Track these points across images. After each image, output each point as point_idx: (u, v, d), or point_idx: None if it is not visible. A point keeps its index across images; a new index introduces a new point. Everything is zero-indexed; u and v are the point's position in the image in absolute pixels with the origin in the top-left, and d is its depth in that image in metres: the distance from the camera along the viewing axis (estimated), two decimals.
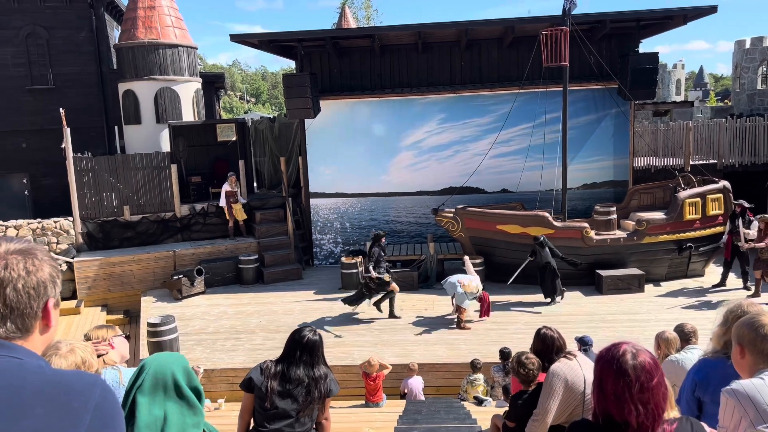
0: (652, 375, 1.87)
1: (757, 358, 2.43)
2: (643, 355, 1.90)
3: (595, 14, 14.48)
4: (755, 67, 21.61)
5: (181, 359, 3.00)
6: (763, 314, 2.50)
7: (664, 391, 1.89)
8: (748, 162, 16.47)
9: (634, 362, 1.88)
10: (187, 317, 12.53)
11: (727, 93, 40.86)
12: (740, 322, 2.52)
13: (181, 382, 2.82)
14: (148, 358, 2.97)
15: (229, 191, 15.25)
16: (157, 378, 2.78)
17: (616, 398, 1.87)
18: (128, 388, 2.79)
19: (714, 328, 3.19)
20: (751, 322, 2.46)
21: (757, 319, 2.46)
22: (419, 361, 9.57)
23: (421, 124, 15.90)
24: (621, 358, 1.89)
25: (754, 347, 2.43)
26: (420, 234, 16.07)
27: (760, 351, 2.41)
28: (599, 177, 15.84)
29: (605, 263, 13.12)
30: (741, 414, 2.29)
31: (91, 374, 1.60)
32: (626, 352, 1.91)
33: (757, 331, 2.42)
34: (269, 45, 15.74)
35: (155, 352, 9.02)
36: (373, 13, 41.68)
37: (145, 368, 2.85)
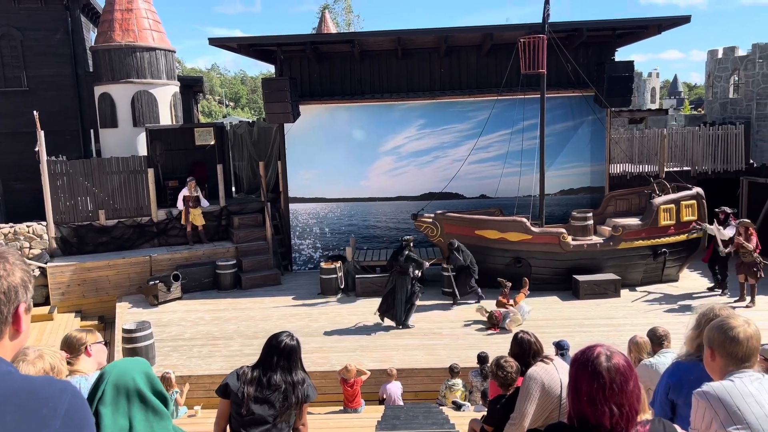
0: (626, 377, 1.90)
1: (727, 361, 2.48)
2: (617, 358, 1.92)
3: (572, 23, 14.69)
4: (727, 77, 22.07)
5: (141, 365, 2.93)
6: (732, 317, 2.55)
7: (637, 393, 1.91)
8: (721, 169, 16.80)
9: (608, 364, 1.90)
10: (164, 323, 12.37)
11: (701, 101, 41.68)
12: (711, 325, 2.57)
13: (143, 389, 2.75)
14: (107, 367, 2.90)
15: (188, 196, 15.08)
16: (118, 386, 2.71)
17: (591, 400, 1.88)
18: (88, 401, 2.72)
19: (687, 331, 3.24)
20: (721, 325, 2.51)
21: (727, 322, 2.51)
22: (398, 367, 9.56)
23: (400, 130, 15.94)
24: (595, 361, 1.91)
25: (724, 350, 2.47)
26: (399, 239, 16.05)
27: (730, 353, 2.46)
28: (576, 183, 16.04)
29: (582, 268, 13.26)
30: (712, 416, 2.33)
31: (61, 380, 1.57)
32: (600, 354, 1.93)
33: (726, 333, 2.47)
34: (248, 49, 15.67)
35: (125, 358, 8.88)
36: (353, 19, 41.77)
37: (104, 378, 2.78)
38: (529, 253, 13.27)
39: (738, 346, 2.44)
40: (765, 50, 20.92)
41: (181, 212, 15.27)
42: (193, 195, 15.12)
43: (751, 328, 2.51)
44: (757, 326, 2.54)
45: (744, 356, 2.45)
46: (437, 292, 13.84)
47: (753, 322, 2.55)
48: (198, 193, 15.22)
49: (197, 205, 15.22)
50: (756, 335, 2.49)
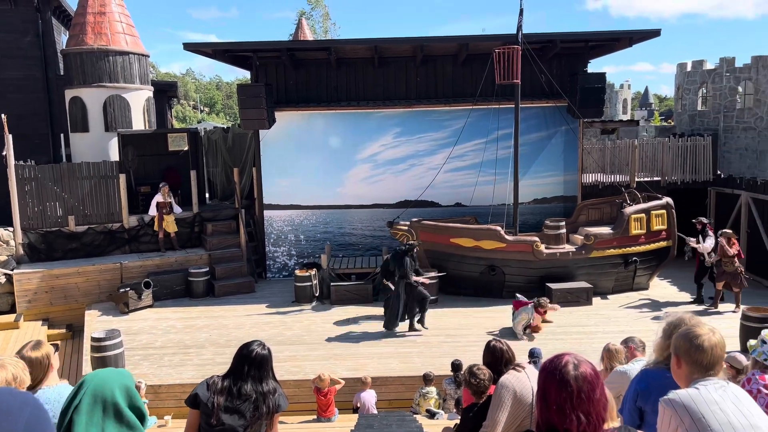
0: (593, 385, 1.92)
1: (692, 368, 2.52)
2: (585, 366, 1.94)
3: (545, 34, 14.91)
4: (696, 89, 22.63)
5: (123, 377, 2.87)
6: (699, 326, 2.60)
7: (604, 401, 1.93)
8: (689, 179, 17.17)
9: (575, 373, 1.92)
10: (134, 331, 12.15)
11: (671, 113, 42.61)
12: (678, 333, 2.61)
13: (120, 402, 2.70)
14: (88, 375, 2.84)
15: (161, 202, 14.89)
16: (96, 397, 2.65)
17: (559, 408, 1.90)
18: (65, 408, 2.66)
19: (656, 339, 3.29)
20: (687, 334, 2.55)
21: (693, 331, 2.55)
22: (372, 375, 9.53)
23: (377, 138, 15.98)
24: (563, 369, 1.93)
25: (689, 357, 2.52)
26: (375, 247, 16.08)
27: (695, 361, 2.50)
28: (549, 192, 16.23)
29: (555, 276, 13.40)
30: (677, 423, 2.36)
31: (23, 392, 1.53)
32: (568, 363, 1.95)
33: (692, 342, 2.52)
34: (224, 55, 15.56)
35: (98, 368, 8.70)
36: (330, 27, 41.81)
37: (84, 386, 2.72)
38: (503, 261, 13.38)
39: (703, 354, 2.49)
40: (732, 64, 21.51)
41: (153, 218, 15.06)
42: (166, 201, 14.92)
43: (716, 336, 2.56)
44: (722, 335, 2.59)
45: (709, 364, 2.50)
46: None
47: (718, 330, 2.61)
48: (171, 199, 15.03)
49: (171, 211, 15.02)
50: (720, 344, 2.54)
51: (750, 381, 3.67)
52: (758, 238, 14.76)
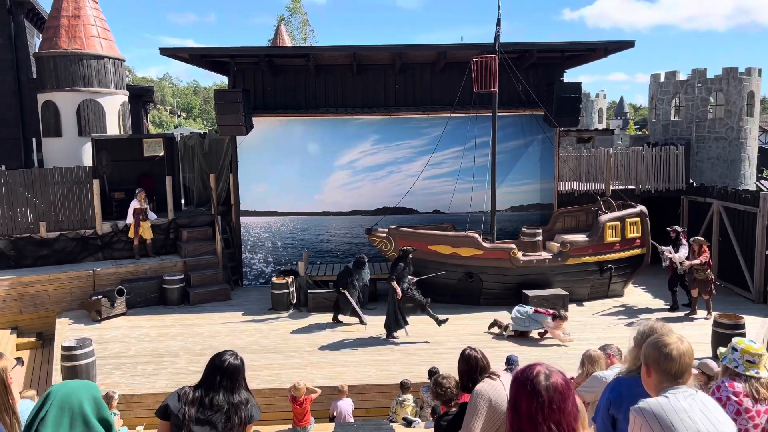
0: (564, 396, 1.91)
1: (661, 377, 2.54)
2: (556, 377, 1.94)
3: (523, 44, 15.06)
4: (669, 99, 23.04)
5: (90, 388, 2.80)
6: (667, 335, 2.61)
7: (575, 411, 1.93)
8: (663, 188, 17.45)
9: (547, 383, 1.91)
10: (106, 340, 11.92)
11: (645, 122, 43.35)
12: (647, 342, 2.63)
13: (89, 414, 2.63)
14: (54, 387, 2.77)
15: (138, 208, 14.69)
16: (63, 408, 2.59)
17: (530, 419, 1.89)
18: (30, 420, 2.59)
19: (628, 347, 3.32)
20: (656, 342, 2.57)
21: (662, 340, 2.57)
22: (350, 383, 9.47)
23: (355, 144, 15.96)
24: (535, 379, 1.93)
25: (658, 366, 2.53)
26: (353, 254, 15.99)
27: (663, 370, 2.52)
28: (526, 200, 16.37)
29: (531, 283, 13.49)
30: (647, 431, 2.37)
31: None
32: (540, 373, 1.94)
33: (661, 350, 2.53)
34: (201, 60, 15.44)
35: (68, 378, 8.50)
36: (309, 33, 41.79)
37: (50, 398, 2.65)
38: (480, 268, 13.43)
39: (671, 363, 2.50)
40: (703, 75, 21.97)
41: (129, 225, 14.83)
42: (142, 207, 14.72)
43: (684, 345, 2.58)
44: (690, 343, 2.61)
45: (677, 373, 2.51)
46: None
47: (686, 339, 2.63)
48: (147, 205, 14.82)
49: (147, 218, 14.82)
50: (688, 352, 2.56)
51: (720, 388, 3.71)
52: (729, 245, 15.04)
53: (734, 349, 3.82)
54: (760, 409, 3.65)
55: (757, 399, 3.66)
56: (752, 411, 3.62)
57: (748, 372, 3.71)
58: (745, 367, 3.73)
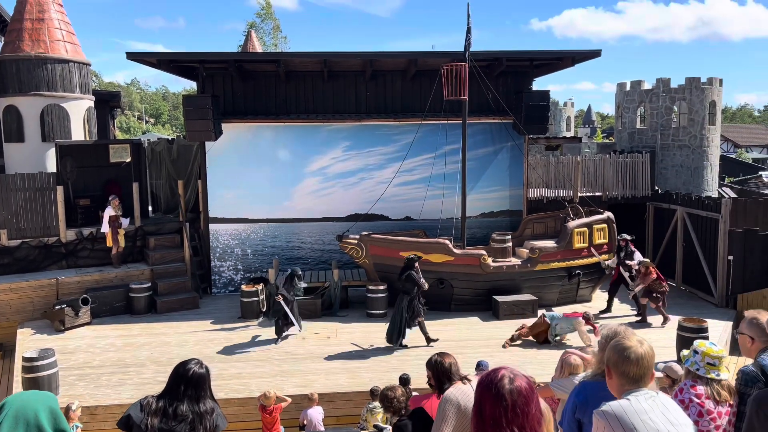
0: (527, 399, 1.92)
1: (622, 380, 2.57)
2: (520, 381, 1.95)
3: (492, 52, 15.24)
4: (634, 108, 23.55)
5: (47, 399, 2.73)
6: (628, 338, 2.65)
7: (539, 415, 1.94)
8: (629, 195, 17.80)
9: (511, 387, 1.92)
10: (70, 350, 11.62)
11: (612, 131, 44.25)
12: (609, 345, 2.66)
13: (44, 425, 2.57)
14: (10, 398, 2.71)
15: (113, 216, 14.42)
16: (18, 419, 2.52)
17: (494, 422, 1.90)
18: None
19: (593, 352, 3.36)
20: (617, 346, 2.60)
21: (622, 343, 2.61)
22: (320, 391, 9.39)
23: (326, 151, 15.92)
24: (499, 383, 1.93)
25: (618, 369, 2.57)
26: (324, 261, 15.96)
27: (624, 373, 2.55)
28: (496, 206, 16.53)
29: (501, 289, 13.61)
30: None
31: None
32: (504, 377, 1.95)
33: (621, 353, 2.57)
34: (169, 65, 15.22)
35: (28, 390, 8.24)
36: (281, 40, 41.61)
37: (5, 408, 2.58)
38: (451, 275, 13.48)
39: (631, 366, 2.54)
40: (667, 85, 22.53)
41: (104, 234, 14.50)
42: (117, 214, 14.43)
43: (644, 347, 2.61)
44: (650, 346, 2.65)
45: (636, 375, 2.55)
46: (362, 313, 13.78)
47: (646, 342, 2.67)
48: (120, 212, 14.56)
49: (120, 225, 14.55)
50: (648, 354, 2.60)
51: (682, 391, 3.78)
52: (693, 251, 15.39)
53: (695, 352, 3.90)
54: (721, 411, 3.73)
55: (718, 401, 3.73)
56: (714, 413, 3.70)
57: (709, 375, 3.79)
58: (705, 369, 3.81)
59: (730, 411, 3.76)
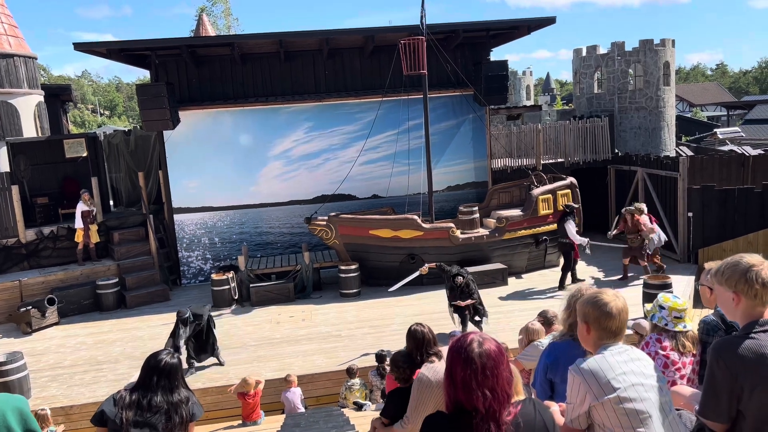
0: (497, 362, 1.96)
1: (601, 334, 2.64)
2: (489, 343, 1.98)
3: (448, 24, 15.19)
4: (591, 73, 23.83)
5: (15, 400, 2.69)
6: (604, 293, 2.72)
7: (509, 377, 1.98)
8: (590, 159, 18.11)
9: (480, 350, 1.95)
10: (39, 352, 11.39)
11: (571, 97, 44.76)
12: (584, 301, 2.72)
13: (13, 427, 2.53)
14: None
15: (86, 211, 14.10)
16: None
17: (465, 386, 1.93)
18: None
19: (560, 312, 3.43)
20: (596, 302, 2.66)
21: (601, 298, 2.67)
22: (298, 373, 9.42)
23: (288, 133, 15.74)
24: (468, 347, 1.96)
25: (598, 324, 2.63)
26: (294, 244, 15.88)
27: (604, 327, 2.62)
28: (461, 179, 16.63)
29: (471, 260, 13.76)
30: (586, 389, 2.47)
31: None
32: (473, 341, 1.98)
33: (602, 309, 2.63)
34: (119, 54, 14.77)
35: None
36: (233, 22, 40.71)
37: None
38: (421, 249, 13.58)
39: (611, 320, 2.61)
40: (622, 48, 22.82)
41: (76, 229, 14.15)
42: (90, 209, 14.11)
43: (621, 301, 2.69)
44: (624, 299, 2.73)
45: (617, 329, 2.63)
46: (335, 294, 13.81)
47: (621, 295, 2.74)
48: (93, 207, 14.21)
49: (95, 220, 14.21)
50: (626, 308, 2.68)
51: (648, 344, 3.90)
52: (655, 210, 15.77)
53: (661, 307, 4.02)
54: (685, 361, 3.87)
55: (682, 352, 3.87)
56: (678, 363, 3.84)
57: (677, 328, 3.91)
58: (674, 323, 3.93)
59: (694, 360, 3.91)
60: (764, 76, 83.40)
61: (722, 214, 14.21)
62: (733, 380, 2.43)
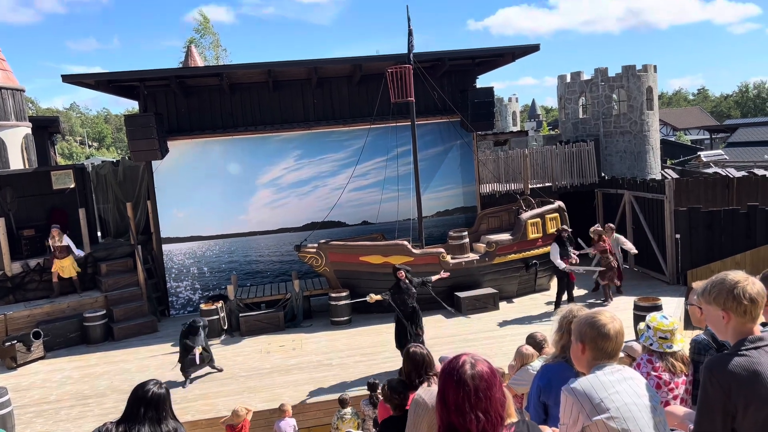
0: (489, 384, 1.94)
1: (596, 354, 2.63)
2: (481, 365, 1.97)
3: (435, 53, 15.41)
4: (576, 99, 24.18)
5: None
6: (601, 314, 2.72)
7: (502, 398, 1.96)
8: (577, 183, 18.27)
9: (472, 372, 1.93)
10: (24, 387, 11.15)
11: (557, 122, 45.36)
12: (580, 321, 2.70)
13: None
14: None
15: (56, 246, 13.91)
16: None
17: (458, 408, 1.91)
18: None
19: (551, 335, 3.42)
20: (593, 322, 2.65)
21: (598, 319, 2.66)
22: (290, 404, 9.26)
23: (278, 161, 15.78)
24: (460, 369, 1.94)
25: (595, 344, 2.62)
26: (284, 272, 15.79)
27: (601, 348, 2.61)
28: (450, 204, 16.69)
29: (462, 285, 13.74)
30: (579, 409, 2.45)
31: None
32: (465, 362, 1.96)
33: (599, 330, 2.62)
34: (108, 85, 14.82)
35: None
36: (222, 53, 41.07)
37: None
38: (412, 275, 13.50)
39: (608, 342, 2.60)
40: (605, 74, 23.22)
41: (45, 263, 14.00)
42: (57, 245, 13.87)
43: (618, 323, 2.69)
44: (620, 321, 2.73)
45: (613, 351, 2.62)
46: (326, 322, 13.69)
47: (617, 317, 2.74)
48: (66, 241, 14.00)
49: (66, 254, 13.99)
50: (622, 330, 2.68)
51: (639, 366, 3.89)
52: (642, 232, 15.90)
53: (648, 327, 4.03)
54: (678, 381, 3.86)
55: (674, 372, 3.86)
56: (671, 383, 3.83)
57: (662, 348, 3.91)
58: (659, 344, 3.93)
59: (687, 380, 3.89)
60: (745, 100, 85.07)
61: (709, 235, 14.33)
62: (727, 398, 2.42)
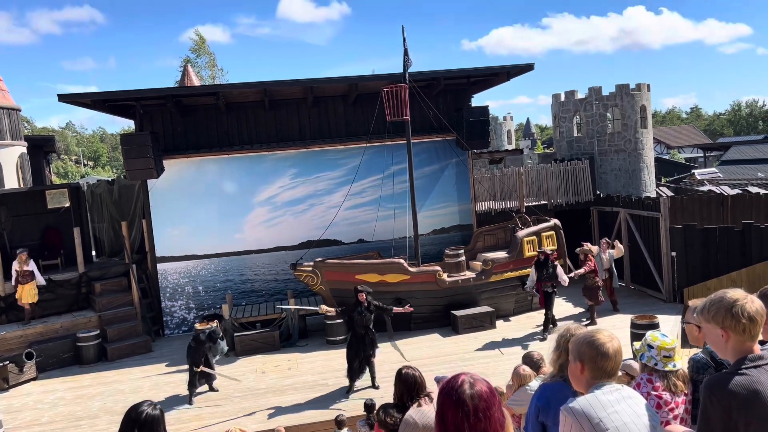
0: (489, 403, 1.91)
1: (596, 373, 2.61)
2: (480, 385, 1.94)
3: (430, 72, 15.53)
4: (570, 117, 24.36)
5: None
6: (600, 333, 2.70)
7: (501, 418, 1.93)
8: (573, 201, 18.32)
9: (471, 392, 1.91)
10: (16, 409, 10.99)
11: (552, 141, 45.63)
12: (579, 340, 2.68)
13: None
14: None
15: (19, 270, 13.41)
16: None
17: (457, 429, 1.88)
18: None
19: (549, 354, 3.39)
20: (592, 341, 2.63)
21: (597, 338, 2.65)
22: (285, 425, 9.17)
23: (273, 180, 15.78)
24: (459, 389, 1.92)
25: (594, 364, 2.60)
26: (279, 291, 15.71)
27: (600, 367, 2.59)
28: (446, 222, 16.70)
29: (459, 303, 13.69)
30: (578, 429, 2.42)
31: None
32: (464, 382, 1.94)
33: (598, 349, 2.61)
34: (104, 105, 14.85)
35: None
36: (218, 72, 41.30)
37: None
38: (408, 293, 13.47)
39: (608, 361, 2.59)
40: (599, 93, 23.43)
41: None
42: (23, 270, 13.46)
43: (616, 342, 2.68)
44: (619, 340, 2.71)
45: (612, 370, 2.60)
46: (321, 341, 13.60)
47: (616, 336, 2.72)
48: (31, 266, 13.59)
49: (30, 280, 13.56)
50: (620, 349, 2.66)
51: (639, 385, 3.86)
52: (638, 250, 15.90)
53: (650, 347, 3.99)
54: (678, 400, 3.83)
55: (674, 392, 3.83)
56: (671, 403, 3.79)
57: (667, 367, 3.88)
58: (663, 363, 3.90)
59: (686, 399, 3.86)
60: (737, 118, 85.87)
61: (705, 253, 14.35)
62: (727, 418, 2.40)
